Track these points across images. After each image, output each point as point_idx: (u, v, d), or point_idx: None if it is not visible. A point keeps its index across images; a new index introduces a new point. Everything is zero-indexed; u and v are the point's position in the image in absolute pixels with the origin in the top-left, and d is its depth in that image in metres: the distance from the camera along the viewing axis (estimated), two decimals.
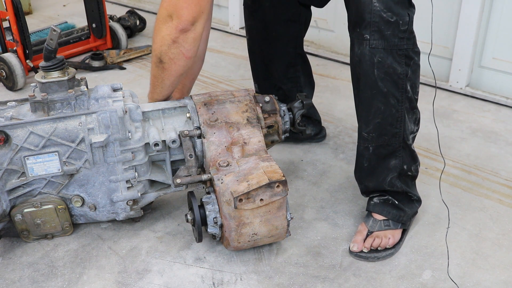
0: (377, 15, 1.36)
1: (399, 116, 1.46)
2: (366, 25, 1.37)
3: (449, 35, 2.40)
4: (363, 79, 1.44)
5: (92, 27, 2.80)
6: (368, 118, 1.47)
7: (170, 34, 1.41)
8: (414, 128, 1.53)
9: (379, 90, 1.42)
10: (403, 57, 1.41)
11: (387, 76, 1.41)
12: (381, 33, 1.37)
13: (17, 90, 2.46)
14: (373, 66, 1.40)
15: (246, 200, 1.34)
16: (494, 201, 1.75)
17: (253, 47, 1.92)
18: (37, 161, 1.43)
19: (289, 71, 1.89)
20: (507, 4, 2.25)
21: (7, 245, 1.57)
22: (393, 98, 1.43)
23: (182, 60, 1.46)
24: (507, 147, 2.05)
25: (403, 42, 1.39)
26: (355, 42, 1.43)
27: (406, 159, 1.52)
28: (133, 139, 1.47)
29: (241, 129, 1.51)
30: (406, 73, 1.42)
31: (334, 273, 1.47)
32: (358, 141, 1.54)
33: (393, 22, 1.36)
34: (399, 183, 1.54)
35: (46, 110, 1.43)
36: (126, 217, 1.56)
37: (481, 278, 1.45)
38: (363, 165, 1.55)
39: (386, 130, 1.47)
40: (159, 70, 1.49)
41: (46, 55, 1.43)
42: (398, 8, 1.37)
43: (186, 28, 1.40)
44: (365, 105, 1.47)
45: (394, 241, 1.54)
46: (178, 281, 1.44)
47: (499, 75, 2.37)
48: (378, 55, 1.39)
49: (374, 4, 1.35)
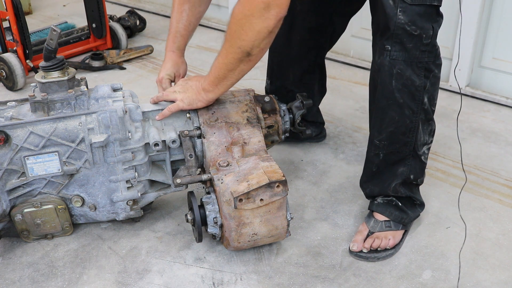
0: (400, 28, 1.35)
1: (412, 127, 1.46)
2: (389, 36, 1.37)
3: (449, 35, 2.40)
4: (380, 88, 1.44)
5: (92, 27, 2.80)
6: (382, 126, 1.47)
7: (268, 26, 1.32)
8: (428, 140, 1.52)
9: (395, 100, 1.42)
10: (423, 70, 1.40)
11: (405, 88, 1.41)
12: (402, 45, 1.37)
13: (17, 90, 2.46)
14: (392, 76, 1.40)
15: (246, 200, 1.34)
16: (494, 201, 1.75)
17: (275, 46, 1.91)
18: (37, 161, 1.43)
19: (305, 77, 1.88)
20: (507, 4, 2.25)
21: (7, 245, 1.57)
22: (408, 109, 1.43)
23: (268, 46, 1.40)
24: (507, 147, 2.05)
25: (424, 55, 1.39)
26: (377, 51, 1.43)
27: (414, 169, 1.52)
28: (133, 139, 1.47)
29: (241, 129, 1.51)
30: (424, 85, 1.42)
31: (334, 273, 1.47)
32: (369, 147, 1.54)
33: (416, 36, 1.36)
34: (403, 190, 1.54)
35: (46, 110, 1.43)
36: (126, 217, 1.56)
37: (481, 278, 1.45)
38: (371, 170, 1.55)
39: (398, 138, 1.47)
40: (242, 64, 1.40)
41: (46, 55, 1.43)
42: (423, 21, 1.35)
43: (285, 13, 1.33)
44: (379, 114, 1.47)
45: (394, 242, 1.54)
46: (178, 281, 1.44)
47: (499, 75, 2.37)
48: (397, 67, 1.39)
49: (399, 17, 1.34)
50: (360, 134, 2.13)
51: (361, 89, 2.49)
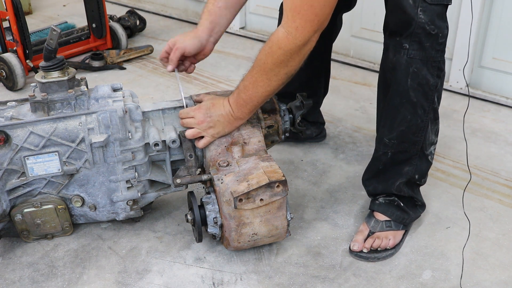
0: (420, 27, 1.35)
1: (423, 126, 1.46)
2: (408, 35, 1.37)
3: (449, 35, 2.39)
4: (394, 86, 1.43)
5: (92, 27, 2.80)
6: (393, 125, 1.47)
7: (312, 46, 1.34)
8: (434, 139, 1.53)
9: (409, 99, 1.42)
10: (436, 69, 1.41)
11: (420, 87, 1.41)
12: (420, 44, 1.37)
13: (17, 90, 2.46)
14: (408, 75, 1.40)
15: (246, 200, 1.34)
16: (494, 201, 1.75)
17: None
18: (37, 161, 1.43)
19: (312, 81, 1.89)
20: (507, 4, 2.25)
21: (7, 245, 1.57)
22: (421, 109, 1.44)
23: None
24: (507, 147, 2.05)
25: (438, 54, 1.40)
26: (391, 48, 1.42)
27: (419, 169, 1.52)
28: (133, 139, 1.47)
29: (241, 129, 1.51)
30: (436, 84, 1.43)
31: (334, 273, 1.47)
32: (377, 146, 1.54)
33: (433, 35, 1.36)
34: (406, 189, 1.54)
35: (46, 110, 1.43)
36: (126, 217, 1.56)
37: (481, 278, 1.45)
38: (377, 168, 1.55)
39: (407, 138, 1.47)
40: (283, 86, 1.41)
41: (46, 55, 1.43)
42: (440, 21, 1.37)
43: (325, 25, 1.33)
44: (391, 112, 1.47)
45: (394, 242, 1.54)
46: (178, 281, 1.44)
47: (499, 75, 2.37)
48: (414, 65, 1.39)
49: (420, 16, 1.34)
50: (360, 134, 2.13)
51: (361, 89, 2.49)
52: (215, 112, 1.45)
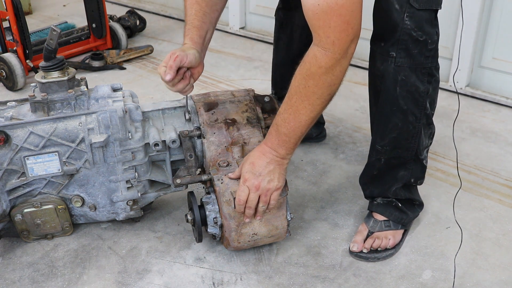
0: (406, 34, 1.32)
1: (415, 133, 1.45)
2: (394, 43, 1.34)
3: (449, 35, 2.40)
4: (383, 94, 1.42)
5: (92, 27, 2.80)
6: (385, 133, 1.46)
7: (350, 59, 1.27)
8: (428, 143, 1.52)
9: (399, 107, 1.40)
10: (426, 75, 1.38)
11: (409, 94, 1.39)
12: (408, 52, 1.34)
13: (17, 90, 2.46)
14: (396, 83, 1.38)
15: None
16: (494, 201, 1.75)
17: (277, 58, 1.92)
18: (37, 161, 1.43)
19: None
20: (507, 4, 2.25)
21: (7, 245, 1.57)
22: (412, 116, 1.42)
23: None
24: (507, 147, 2.05)
25: (428, 61, 1.37)
26: (378, 57, 1.40)
27: (415, 173, 1.52)
28: (133, 139, 1.47)
29: (241, 129, 1.51)
30: (427, 90, 1.40)
31: (334, 273, 1.47)
32: (371, 152, 1.53)
33: (421, 41, 1.33)
34: (403, 192, 1.54)
35: (46, 110, 1.43)
36: (126, 217, 1.56)
37: (481, 278, 1.45)
38: (372, 173, 1.55)
39: (400, 144, 1.46)
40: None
41: (46, 55, 1.43)
42: (428, 26, 1.33)
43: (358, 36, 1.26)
44: (382, 120, 1.46)
45: (394, 242, 1.54)
46: (178, 281, 1.44)
47: (499, 75, 2.37)
48: (402, 73, 1.36)
49: (406, 22, 1.30)
50: (360, 134, 2.13)
51: (361, 89, 2.49)
52: (260, 167, 1.33)
